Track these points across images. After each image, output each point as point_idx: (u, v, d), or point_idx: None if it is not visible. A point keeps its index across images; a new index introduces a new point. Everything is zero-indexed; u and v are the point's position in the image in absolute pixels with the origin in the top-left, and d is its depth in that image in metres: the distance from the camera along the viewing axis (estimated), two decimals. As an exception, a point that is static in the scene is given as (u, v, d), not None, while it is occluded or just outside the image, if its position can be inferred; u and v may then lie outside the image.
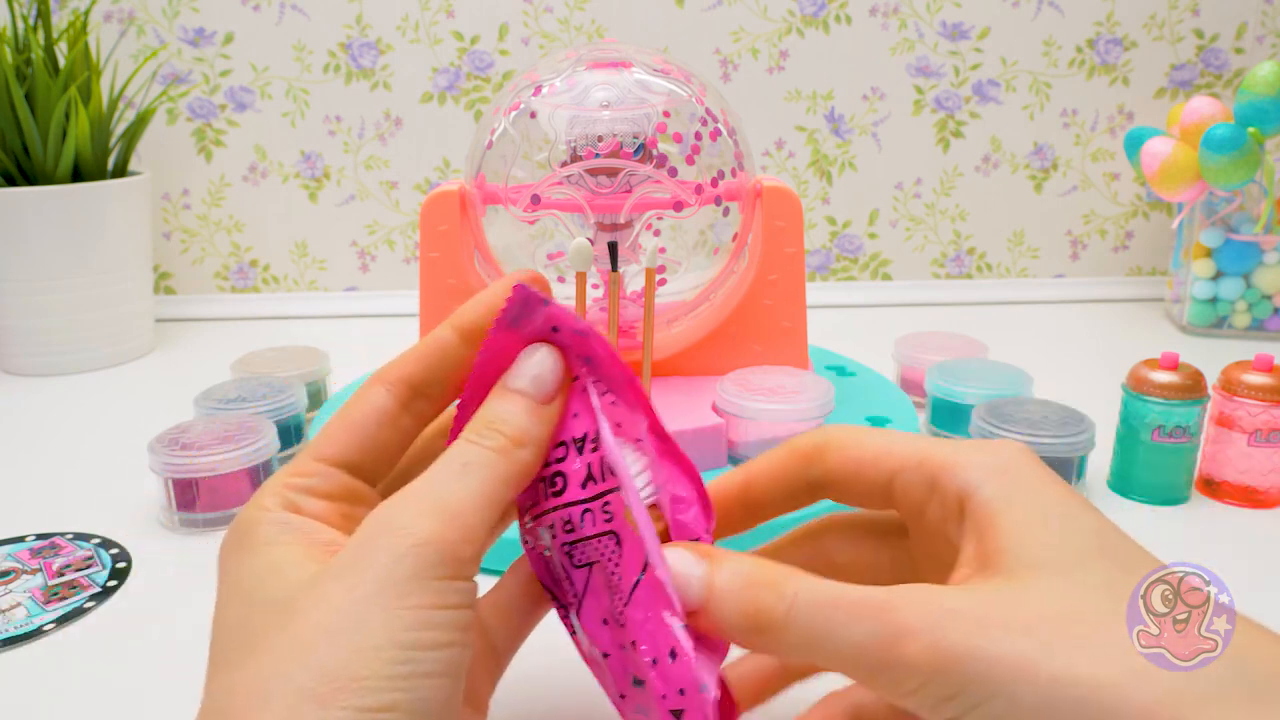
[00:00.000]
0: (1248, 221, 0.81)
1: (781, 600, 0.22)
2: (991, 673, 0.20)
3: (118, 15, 0.91)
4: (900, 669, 0.21)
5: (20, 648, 0.39)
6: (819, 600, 0.22)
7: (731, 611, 0.23)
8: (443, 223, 0.56)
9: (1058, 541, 0.22)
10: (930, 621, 0.21)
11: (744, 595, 0.23)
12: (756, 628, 0.22)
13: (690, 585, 0.23)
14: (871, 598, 0.21)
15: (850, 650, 0.21)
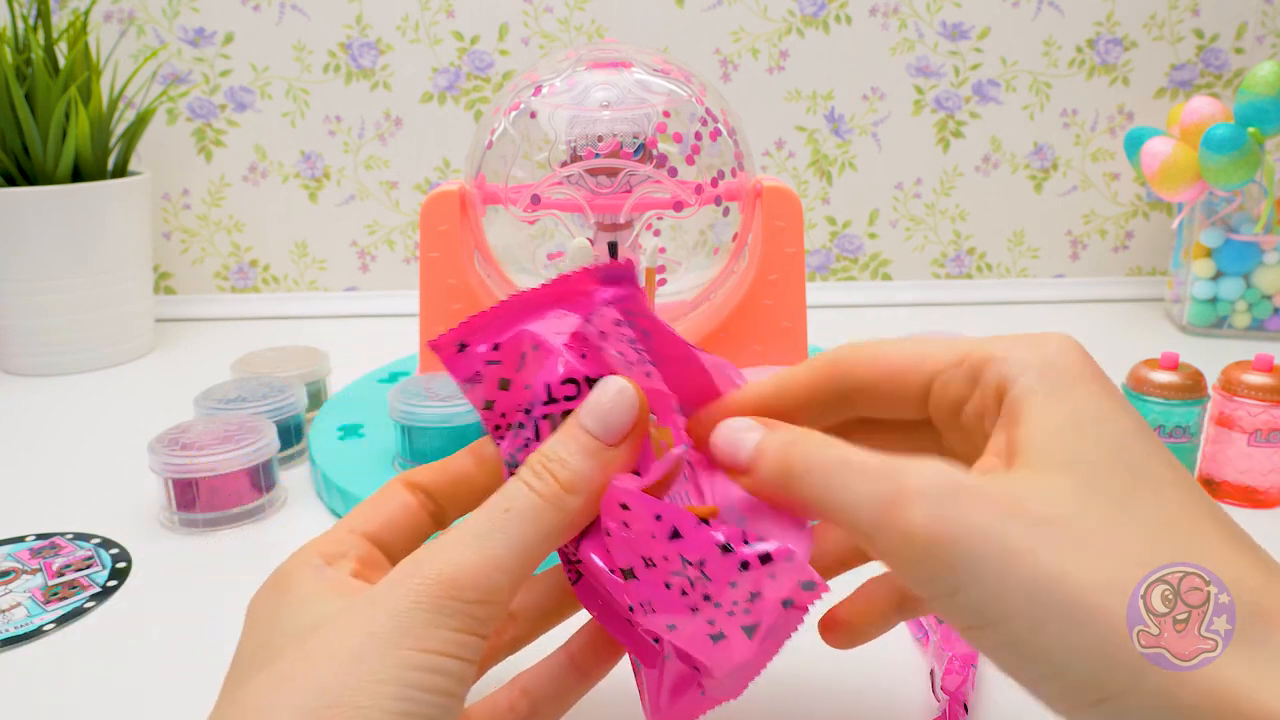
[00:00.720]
0: (1248, 221, 0.81)
1: (808, 450, 0.23)
2: (983, 555, 0.20)
3: (118, 15, 0.91)
4: (896, 534, 0.21)
5: (20, 648, 0.39)
6: (842, 455, 0.23)
7: (769, 465, 0.24)
8: (443, 223, 0.56)
9: (1081, 445, 0.21)
10: (935, 492, 0.21)
11: (780, 451, 0.24)
12: (787, 478, 0.24)
13: (742, 446, 0.25)
14: (883, 461, 0.22)
15: (850, 505, 0.22)
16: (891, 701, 0.34)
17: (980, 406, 0.24)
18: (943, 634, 0.35)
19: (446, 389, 0.51)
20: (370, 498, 0.28)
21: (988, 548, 0.20)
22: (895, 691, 0.35)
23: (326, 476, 0.50)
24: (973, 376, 0.25)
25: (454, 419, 0.49)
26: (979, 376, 0.24)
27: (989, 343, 0.25)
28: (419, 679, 0.21)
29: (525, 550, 0.23)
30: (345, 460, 0.52)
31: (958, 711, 0.32)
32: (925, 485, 0.21)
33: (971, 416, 0.25)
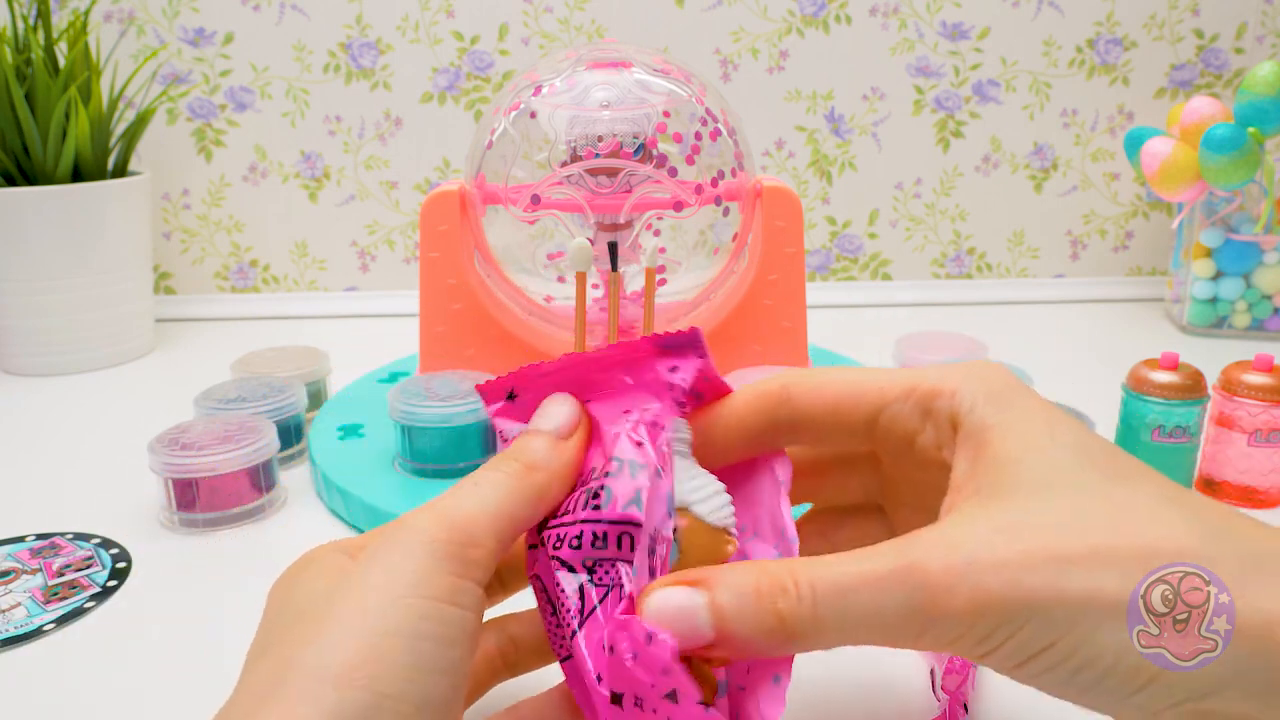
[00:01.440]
0: (1248, 221, 0.81)
1: (801, 600, 0.21)
2: (1029, 604, 0.21)
3: (118, 15, 0.91)
4: (941, 626, 0.21)
5: (20, 648, 0.39)
6: (840, 585, 0.21)
7: (753, 630, 0.22)
8: (443, 223, 0.56)
9: (1053, 461, 0.23)
10: (960, 573, 0.21)
11: (759, 609, 0.22)
12: (786, 637, 0.21)
13: (695, 617, 0.22)
14: (893, 565, 0.21)
15: (891, 624, 0.21)
16: (891, 701, 0.34)
17: (936, 439, 0.25)
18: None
19: (446, 389, 0.51)
20: None
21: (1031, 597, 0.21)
22: (895, 691, 0.35)
23: (326, 476, 0.50)
24: (923, 409, 0.25)
25: (454, 419, 0.49)
26: (930, 409, 0.25)
27: (927, 374, 0.26)
28: (427, 628, 0.22)
29: (500, 506, 0.24)
30: (345, 460, 0.52)
31: (958, 711, 0.32)
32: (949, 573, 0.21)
33: (927, 447, 0.25)
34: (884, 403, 0.26)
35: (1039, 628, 0.21)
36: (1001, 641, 0.21)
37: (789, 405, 0.27)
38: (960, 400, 0.24)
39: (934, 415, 0.25)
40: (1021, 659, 0.21)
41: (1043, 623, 0.21)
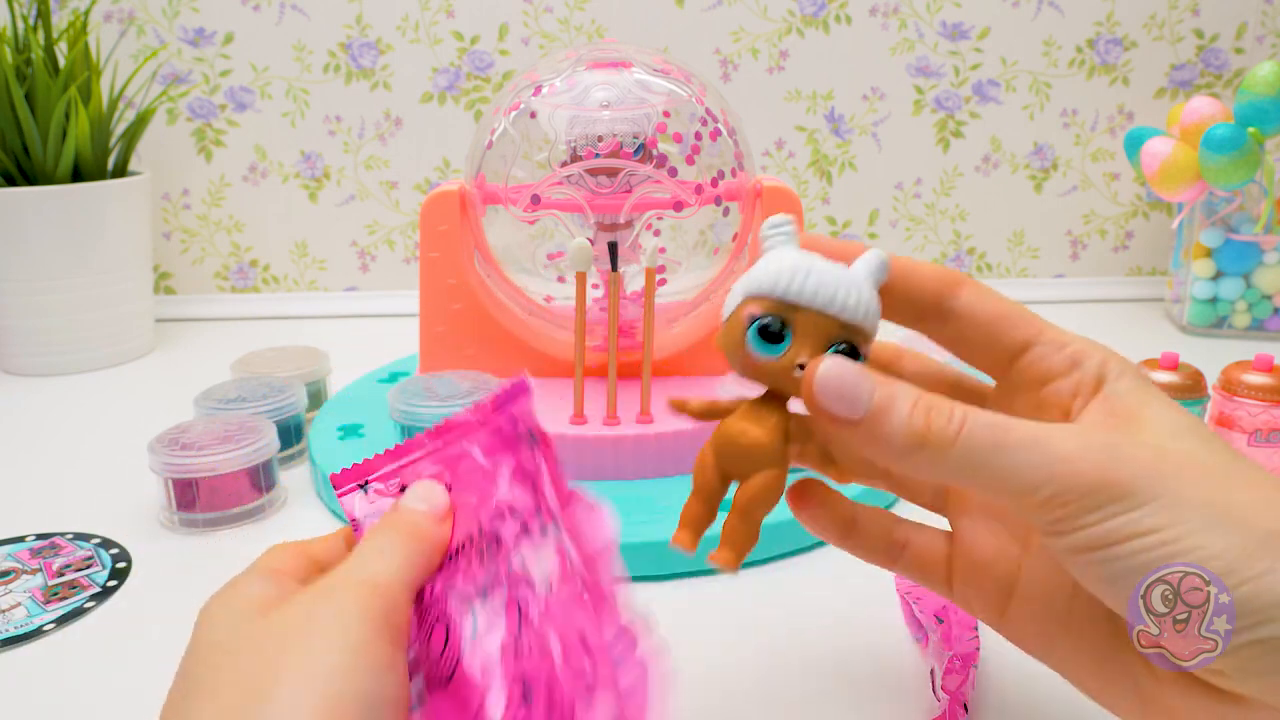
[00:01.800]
0: (1248, 221, 0.81)
1: (952, 421, 0.23)
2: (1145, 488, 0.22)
3: (118, 15, 0.91)
4: (1063, 484, 0.22)
5: (20, 648, 0.39)
6: (989, 424, 0.23)
7: (898, 426, 0.24)
8: (443, 223, 0.56)
9: (1191, 426, 0.25)
10: (1096, 449, 0.23)
11: (914, 412, 0.24)
12: (922, 444, 0.24)
13: (860, 393, 0.24)
14: (1037, 429, 0.23)
15: (1014, 471, 0.23)
16: (891, 701, 0.34)
17: (1076, 387, 0.27)
18: (942, 634, 0.35)
19: (446, 389, 0.51)
20: None
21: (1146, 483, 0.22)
22: (895, 691, 0.35)
23: (326, 477, 0.50)
24: (1074, 361, 0.27)
25: (454, 419, 0.49)
26: (1080, 363, 0.27)
27: (1081, 340, 0.28)
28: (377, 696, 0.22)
29: (410, 574, 0.26)
30: (345, 460, 0.52)
31: (957, 711, 0.32)
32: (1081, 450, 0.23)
33: (1060, 393, 0.27)
34: (1039, 340, 0.28)
35: (1152, 513, 0.22)
36: (1110, 515, 0.22)
37: (965, 298, 0.28)
38: (1110, 367, 0.27)
39: (1083, 368, 0.27)
40: (1119, 537, 0.22)
41: (1159, 509, 0.22)
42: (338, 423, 0.57)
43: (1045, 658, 0.28)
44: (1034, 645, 0.28)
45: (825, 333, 0.25)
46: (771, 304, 0.25)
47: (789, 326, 0.25)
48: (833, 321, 0.25)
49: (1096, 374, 0.27)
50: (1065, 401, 0.27)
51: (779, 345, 0.25)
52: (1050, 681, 0.35)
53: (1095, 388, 0.26)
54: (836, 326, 0.25)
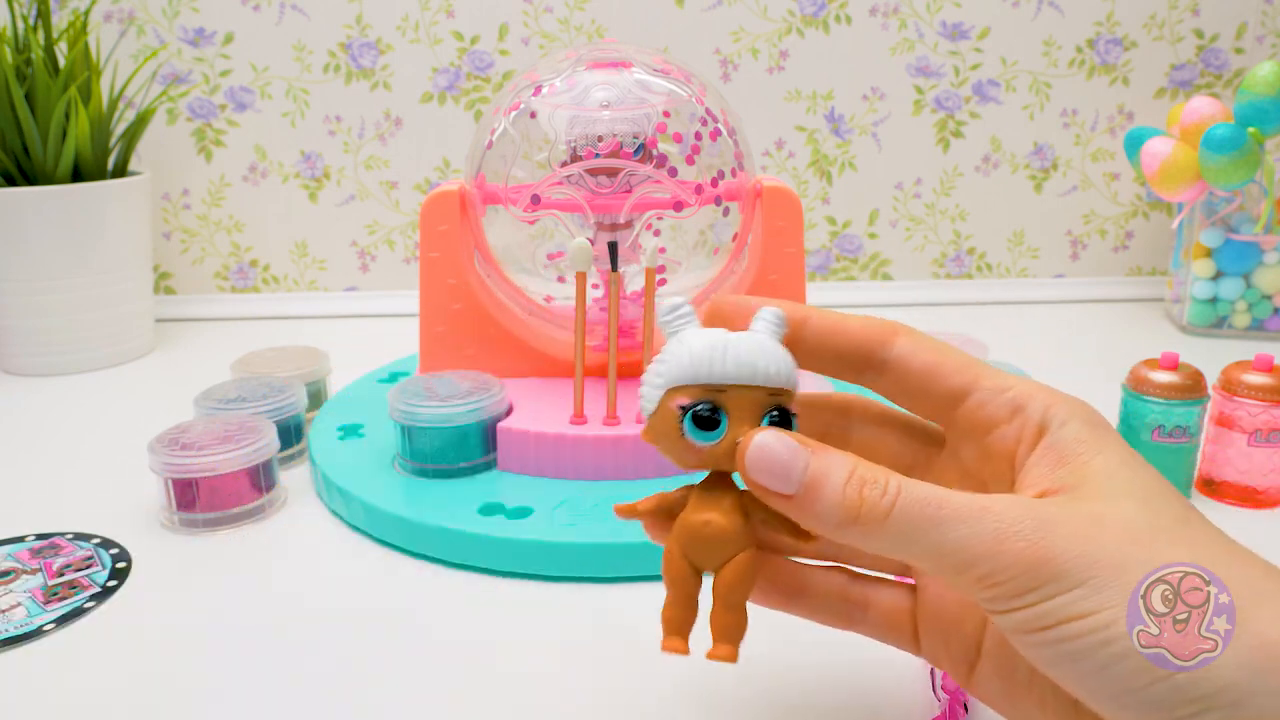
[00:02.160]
0: (1248, 221, 0.81)
1: (885, 495, 0.23)
2: (1078, 568, 0.22)
3: (118, 15, 0.91)
4: (994, 564, 0.22)
5: (20, 648, 0.39)
6: (922, 499, 0.23)
7: (832, 502, 0.24)
8: (443, 223, 0.56)
9: (1134, 480, 0.24)
10: (1032, 526, 0.22)
11: (848, 488, 0.24)
12: (855, 519, 0.23)
13: (793, 468, 0.24)
14: (972, 502, 0.23)
15: (949, 547, 0.23)
16: (891, 701, 0.34)
17: (1018, 434, 0.26)
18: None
19: (446, 389, 0.51)
20: None
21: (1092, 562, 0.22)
22: (895, 691, 0.35)
23: (326, 476, 0.50)
24: (1015, 407, 0.27)
25: (454, 419, 0.49)
26: (1022, 409, 0.26)
27: (1028, 384, 0.27)
28: None
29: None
30: (345, 460, 0.52)
31: (957, 711, 0.32)
32: (1021, 524, 0.22)
33: (1005, 440, 0.27)
34: (977, 386, 0.27)
35: (1087, 595, 0.21)
36: (1045, 598, 0.22)
37: (896, 350, 0.28)
38: (1055, 413, 0.26)
39: (1025, 415, 0.26)
40: (1054, 620, 0.22)
41: (1095, 589, 0.21)
42: (338, 423, 0.57)
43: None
44: (1002, 707, 0.28)
45: (756, 404, 0.25)
46: (698, 390, 0.25)
47: (721, 408, 0.25)
48: (760, 391, 0.25)
49: (1039, 420, 0.26)
50: (1010, 448, 0.27)
51: (717, 430, 0.25)
52: (1050, 681, 0.35)
53: (1038, 434, 0.26)
54: (765, 395, 0.25)
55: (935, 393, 0.28)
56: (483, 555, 0.44)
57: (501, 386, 0.51)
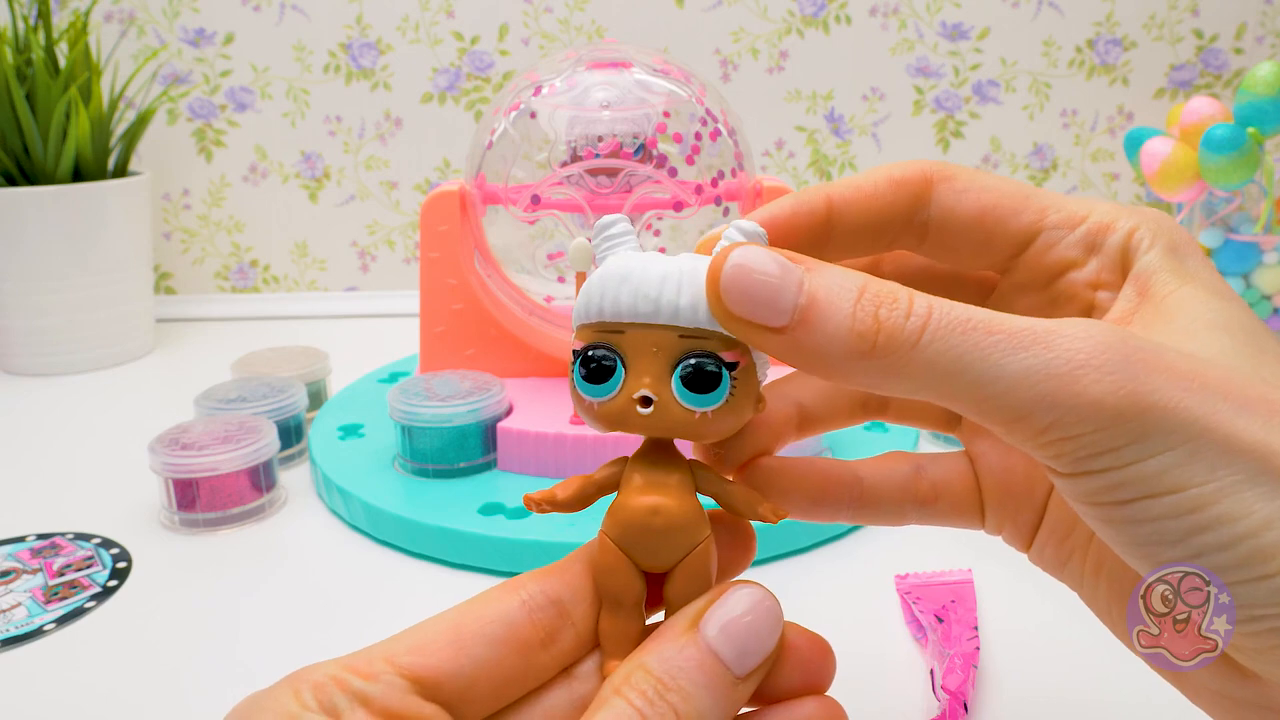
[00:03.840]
0: (1247, 222, 0.81)
1: (911, 317, 0.18)
2: (1178, 426, 0.17)
3: (118, 15, 0.91)
4: (1069, 408, 0.17)
5: (20, 648, 0.39)
6: (963, 319, 0.17)
7: (838, 327, 0.18)
8: (443, 223, 0.56)
9: (1231, 315, 0.20)
10: (1118, 359, 0.17)
11: (857, 308, 0.18)
12: (872, 349, 0.18)
13: (782, 292, 0.18)
14: (1033, 325, 0.17)
15: (1002, 384, 0.17)
16: (891, 701, 0.34)
17: (1097, 276, 0.21)
18: (942, 634, 0.35)
19: (446, 389, 0.51)
20: (463, 604, 0.21)
21: (1186, 419, 0.17)
22: (895, 691, 0.35)
23: (327, 476, 0.50)
24: (1090, 244, 0.21)
25: (454, 419, 0.49)
26: (1098, 244, 0.21)
27: (1102, 209, 0.22)
28: None
29: None
30: (345, 460, 0.52)
31: (958, 711, 0.32)
32: (1102, 355, 0.17)
33: (1080, 284, 0.22)
34: (1044, 225, 0.22)
35: (1184, 460, 0.17)
36: (1132, 460, 0.17)
37: (938, 202, 0.22)
38: (1139, 240, 0.21)
39: (1103, 251, 0.21)
40: (1141, 492, 0.17)
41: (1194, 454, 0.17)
42: (338, 423, 0.57)
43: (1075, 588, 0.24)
44: (1054, 570, 0.24)
45: (662, 350, 0.20)
46: (592, 331, 0.20)
47: (618, 353, 0.20)
48: (666, 333, 0.19)
49: (1121, 251, 0.21)
50: (1085, 296, 0.22)
51: (608, 382, 0.20)
52: (1050, 681, 0.35)
53: (1122, 269, 0.21)
54: (673, 338, 0.19)
55: (993, 245, 0.22)
56: (483, 555, 0.44)
57: (501, 386, 0.51)
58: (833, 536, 0.46)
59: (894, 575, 0.41)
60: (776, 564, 0.44)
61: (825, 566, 0.44)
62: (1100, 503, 0.18)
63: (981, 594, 0.39)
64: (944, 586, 0.39)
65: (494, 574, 0.44)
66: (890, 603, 0.40)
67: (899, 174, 0.22)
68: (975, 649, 0.34)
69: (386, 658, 0.19)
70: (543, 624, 0.20)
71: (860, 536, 0.46)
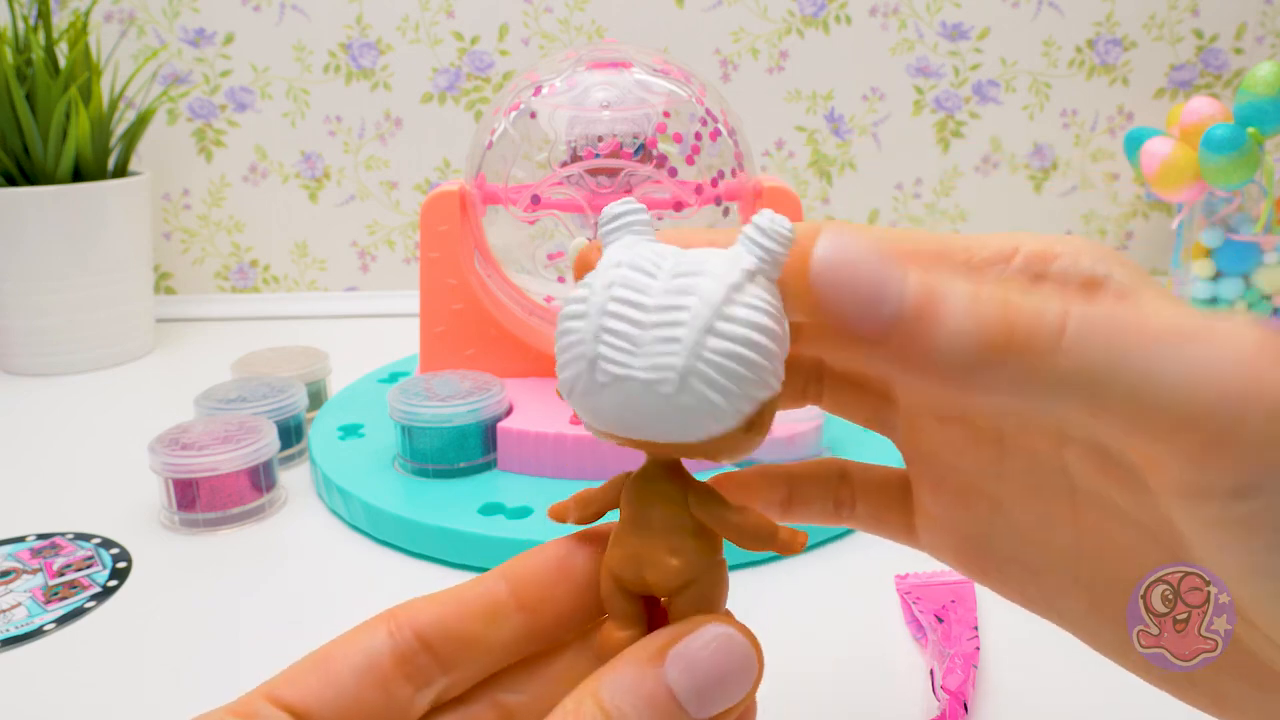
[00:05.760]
0: (1247, 221, 0.81)
1: (1046, 311, 0.15)
2: None
3: (118, 15, 0.91)
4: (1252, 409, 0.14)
5: (20, 648, 0.39)
6: (1108, 314, 0.15)
7: (961, 328, 0.15)
8: (443, 223, 0.56)
9: None
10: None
11: (983, 300, 0.15)
12: (1007, 346, 0.15)
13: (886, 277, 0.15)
14: (1180, 323, 0.15)
15: (1170, 382, 0.14)
16: (891, 701, 0.34)
17: None
18: (942, 634, 0.35)
19: (446, 389, 0.51)
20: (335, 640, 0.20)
21: None
22: (895, 691, 0.35)
23: (326, 476, 0.50)
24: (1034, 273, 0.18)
25: (454, 419, 0.49)
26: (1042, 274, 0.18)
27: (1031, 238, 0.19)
28: None
29: None
30: (345, 460, 0.52)
31: (958, 711, 0.32)
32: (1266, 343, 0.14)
33: None
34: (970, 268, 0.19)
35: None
36: None
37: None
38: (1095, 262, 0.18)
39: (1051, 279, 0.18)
40: None
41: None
42: (338, 423, 0.57)
43: None
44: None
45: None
46: None
47: None
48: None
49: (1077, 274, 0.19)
50: None
51: None
52: (1050, 681, 0.35)
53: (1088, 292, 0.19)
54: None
55: None
56: (483, 555, 0.44)
57: (501, 386, 0.51)
58: (833, 537, 0.46)
59: (894, 575, 0.41)
60: (776, 564, 0.44)
61: (825, 566, 0.44)
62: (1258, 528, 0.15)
63: (982, 594, 0.39)
64: (944, 586, 0.39)
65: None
66: (890, 603, 0.40)
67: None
68: (975, 649, 0.34)
69: (266, 694, 0.19)
70: (407, 658, 0.20)
71: (860, 536, 0.46)
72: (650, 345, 0.16)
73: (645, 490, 0.19)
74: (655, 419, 0.17)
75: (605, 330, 0.16)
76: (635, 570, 0.19)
